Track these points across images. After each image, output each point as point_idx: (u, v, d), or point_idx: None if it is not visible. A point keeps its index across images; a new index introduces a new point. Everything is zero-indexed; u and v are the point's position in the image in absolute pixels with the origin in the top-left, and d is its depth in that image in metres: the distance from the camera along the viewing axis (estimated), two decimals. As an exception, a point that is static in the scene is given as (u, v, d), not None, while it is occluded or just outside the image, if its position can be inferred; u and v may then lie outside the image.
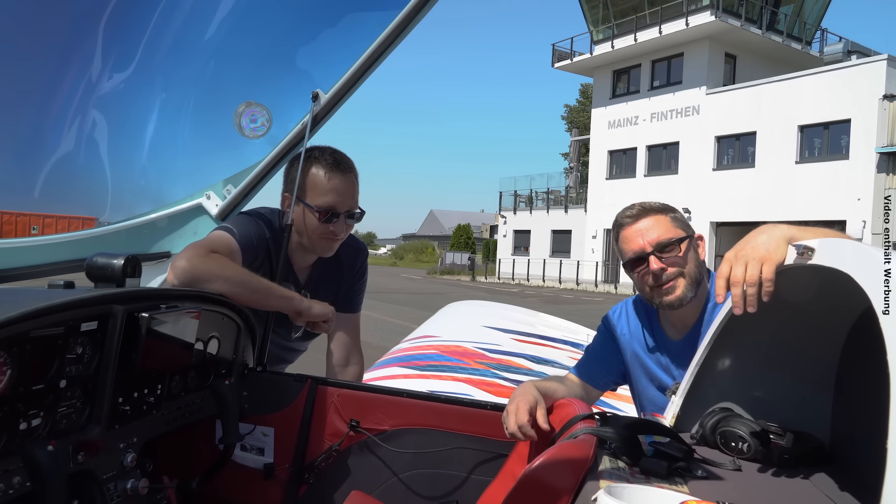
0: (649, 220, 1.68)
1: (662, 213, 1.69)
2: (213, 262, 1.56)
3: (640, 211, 1.70)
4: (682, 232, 1.68)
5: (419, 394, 1.73)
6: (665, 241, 1.64)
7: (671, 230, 1.67)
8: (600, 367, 1.83)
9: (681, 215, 1.75)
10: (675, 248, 1.65)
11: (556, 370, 3.39)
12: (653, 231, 1.66)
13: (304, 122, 1.77)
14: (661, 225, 1.67)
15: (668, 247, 1.64)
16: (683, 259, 1.66)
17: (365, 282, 2.08)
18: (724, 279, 1.17)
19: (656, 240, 1.65)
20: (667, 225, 1.68)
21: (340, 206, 1.79)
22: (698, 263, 1.69)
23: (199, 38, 1.69)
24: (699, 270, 1.69)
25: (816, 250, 1.07)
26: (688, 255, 1.67)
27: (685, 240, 1.67)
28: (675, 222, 1.69)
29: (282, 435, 1.75)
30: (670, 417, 1.54)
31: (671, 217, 1.70)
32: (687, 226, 1.72)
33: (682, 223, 1.71)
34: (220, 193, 1.83)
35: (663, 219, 1.68)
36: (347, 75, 1.74)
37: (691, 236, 1.70)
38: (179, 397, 1.48)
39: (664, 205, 1.73)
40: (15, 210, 1.76)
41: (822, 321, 1.31)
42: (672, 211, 1.72)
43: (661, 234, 1.65)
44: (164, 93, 1.74)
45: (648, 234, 1.66)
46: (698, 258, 1.70)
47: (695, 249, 1.70)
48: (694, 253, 1.69)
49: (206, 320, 1.53)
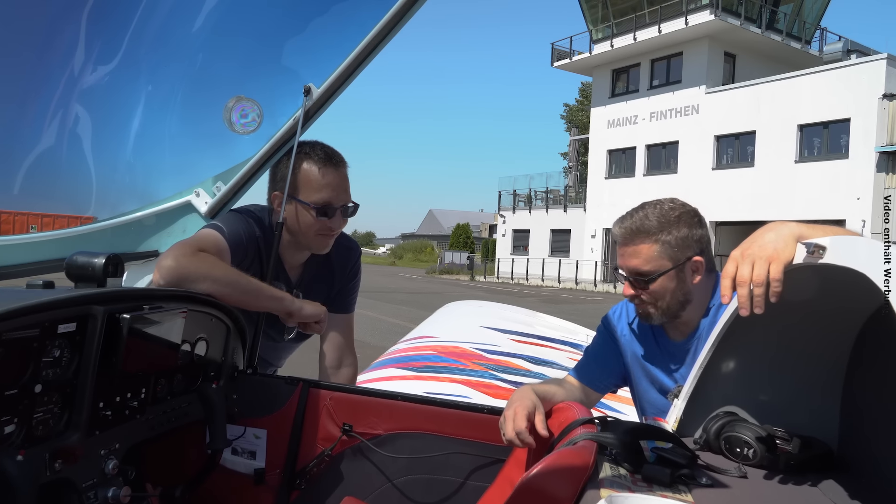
0: (633, 247, 1.60)
1: (651, 239, 1.57)
2: (201, 261, 1.52)
3: (627, 234, 1.60)
4: (667, 263, 1.57)
5: (414, 397, 1.69)
6: (641, 273, 1.58)
7: (652, 261, 1.57)
8: (600, 368, 1.79)
9: (682, 235, 1.59)
10: (648, 283, 1.58)
11: (554, 371, 3.35)
12: (632, 259, 1.60)
13: (295, 117, 1.72)
14: (641, 255, 1.59)
15: (643, 280, 1.59)
16: (658, 292, 1.59)
17: (358, 281, 2.03)
18: (730, 279, 1.13)
19: (632, 269, 1.60)
20: (649, 255, 1.58)
21: (336, 200, 1.76)
22: (683, 292, 1.60)
23: (187, 30, 1.64)
24: (680, 300, 1.61)
25: (828, 248, 1.02)
26: (667, 288, 1.58)
27: (668, 272, 1.57)
28: (663, 251, 1.57)
29: (273, 439, 1.70)
30: (673, 421, 1.50)
31: (662, 242, 1.57)
32: (683, 249, 1.58)
33: (676, 248, 1.58)
34: (209, 190, 1.78)
35: (648, 249, 1.58)
36: (340, 69, 1.69)
37: (682, 264, 1.58)
38: (165, 401, 1.43)
39: (667, 221, 1.58)
40: (10, 209, 1.72)
41: (830, 321, 1.27)
42: (669, 231, 1.58)
43: (640, 265, 1.59)
44: (151, 87, 1.69)
45: (627, 261, 1.61)
46: (686, 286, 1.60)
47: (681, 278, 1.60)
48: (678, 283, 1.59)
49: (194, 321, 1.48)
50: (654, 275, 1.58)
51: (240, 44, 1.73)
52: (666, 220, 1.59)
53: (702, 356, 1.41)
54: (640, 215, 1.60)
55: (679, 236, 1.58)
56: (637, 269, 1.59)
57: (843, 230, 1.16)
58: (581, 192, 31.41)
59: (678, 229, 1.58)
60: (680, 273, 1.59)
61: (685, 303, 1.62)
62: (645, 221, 1.58)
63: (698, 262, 1.61)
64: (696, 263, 1.61)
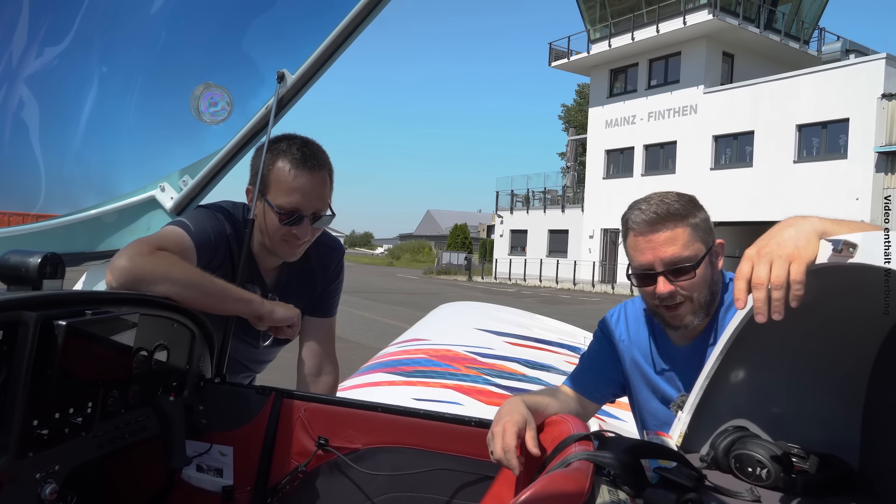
0: (666, 232, 1.41)
1: (683, 222, 1.42)
2: (159, 261, 1.38)
3: (656, 218, 1.41)
4: (702, 246, 1.43)
5: (395, 408, 1.56)
6: (680, 261, 1.41)
7: (689, 246, 1.41)
8: (597, 377, 1.65)
9: (704, 216, 1.46)
10: (691, 270, 1.42)
11: (551, 375, 3.24)
12: (668, 247, 1.41)
13: (268, 106, 1.59)
14: (678, 240, 1.41)
15: (682, 269, 1.41)
16: (698, 283, 1.43)
17: (341, 283, 1.89)
18: (745, 280, 0.99)
19: (670, 259, 1.41)
20: (685, 239, 1.41)
21: (305, 208, 1.59)
22: (714, 280, 1.47)
23: (147, 8, 1.50)
24: (712, 290, 1.47)
25: (860, 246, 0.89)
26: (703, 277, 1.43)
27: (704, 257, 1.43)
28: (696, 233, 1.43)
29: (243, 454, 1.57)
30: (677, 436, 1.37)
31: (692, 226, 1.43)
32: (709, 232, 1.46)
33: (704, 231, 1.45)
34: (175, 185, 1.65)
35: (682, 232, 1.42)
36: (317, 53, 1.56)
37: (711, 248, 1.45)
38: (118, 415, 1.30)
39: (687, 204, 1.44)
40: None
41: (853, 326, 1.15)
42: (694, 214, 1.44)
43: (677, 252, 1.40)
44: (109, 71, 1.55)
45: (662, 251, 1.41)
46: (714, 272, 1.47)
47: (712, 263, 1.46)
48: (710, 269, 1.46)
49: (152, 327, 1.35)
50: (697, 260, 1.42)
51: (208, 25, 1.60)
52: (686, 203, 1.45)
53: (709, 364, 1.29)
54: (660, 200, 1.44)
55: (702, 217, 1.46)
56: (677, 256, 1.40)
57: (868, 225, 1.03)
58: (579, 192, 31.30)
59: (698, 211, 1.46)
60: (711, 258, 1.46)
61: (715, 293, 1.48)
62: (672, 205, 1.42)
63: (720, 244, 1.50)
64: (720, 246, 1.50)
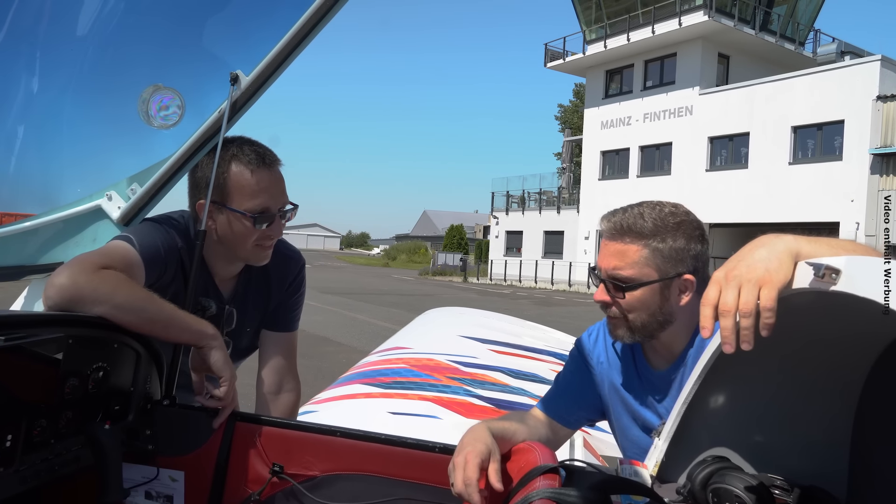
0: (618, 245, 1.37)
1: (640, 242, 1.35)
2: (102, 280, 1.28)
3: (615, 228, 1.38)
4: (652, 272, 1.35)
5: (355, 433, 1.46)
6: (618, 278, 1.36)
7: (635, 266, 1.35)
8: (571, 401, 1.56)
9: (677, 245, 1.36)
10: (622, 291, 1.35)
11: (535, 385, 3.14)
12: (611, 259, 1.37)
13: (221, 109, 1.49)
14: (625, 257, 1.36)
15: (619, 286, 1.36)
16: (633, 305, 1.36)
17: (302, 296, 1.80)
18: (712, 307, 0.90)
19: (609, 271, 1.37)
20: (634, 259, 1.35)
21: (274, 205, 1.56)
22: (664, 312, 1.38)
23: (92, 1, 1.40)
24: (658, 320, 1.38)
25: (843, 273, 0.79)
26: (645, 302, 1.36)
27: (650, 284, 1.35)
28: (652, 257, 1.35)
29: (194, 480, 1.47)
30: (653, 465, 1.29)
31: (652, 249, 1.35)
32: (675, 263, 1.36)
33: (667, 259, 1.35)
34: (123, 193, 1.54)
35: (634, 251, 1.35)
36: (272, 54, 1.46)
37: (669, 279, 1.35)
38: (47, 446, 1.20)
39: (662, 227, 1.35)
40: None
41: (838, 350, 1.07)
42: (663, 239, 1.35)
43: (620, 268, 1.36)
44: (49, 70, 1.45)
45: (606, 260, 1.38)
46: (668, 306, 1.37)
47: (665, 295, 1.37)
48: (661, 300, 1.36)
49: (89, 348, 1.25)
50: (634, 283, 1.35)
51: (157, 20, 1.49)
52: (663, 224, 1.35)
53: (685, 391, 1.21)
54: (635, 212, 1.38)
55: (674, 246, 1.35)
56: (616, 271, 1.35)
57: (850, 244, 0.94)
58: (574, 193, 31.26)
59: (674, 238, 1.35)
60: (664, 289, 1.36)
61: (664, 323, 1.39)
62: (639, 220, 1.36)
63: (688, 280, 1.37)
64: (686, 282, 1.37)
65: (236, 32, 1.51)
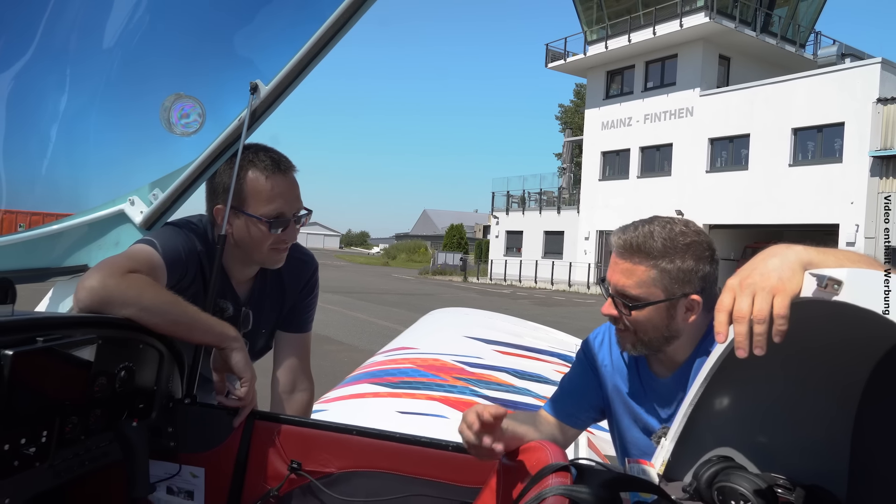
0: (627, 263, 1.40)
1: (648, 262, 1.38)
2: (130, 284, 1.33)
3: (625, 246, 1.40)
4: (659, 293, 1.38)
5: (371, 431, 1.51)
6: (628, 296, 1.40)
7: (643, 286, 1.38)
8: (577, 402, 1.61)
9: (686, 267, 1.38)
10: (629, 309, 1.40)
11: (540, 385, 3.19)
12: (620, 277, 1.41)
13: (241, 118, 1.54)
14: (633, 276, 1.39)
15: (627, 304, 1.40)
16: (640, 322, 1.40)
17: (315, 298, 1.85)
18: (726, 313, 0.95)
19: (620, 289, 1.41)
20: (641, 279, 1.38)
21: (289, 210, 1.61)
22: (670, 329, 1.42)
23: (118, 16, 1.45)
24: (665, 336, 1.43)
25: (845, 284, 0.84)
26: (652, 320, 1.40)
27: (657, 304, 1.38)
28: (660, 278, 1.37)
29: (214, 476, 1.52)
30: (660, 464, 1.33)
31: (660, 270, 1.37)
32: (682, 283, 1.38)
33: (675, 280, 1.37)
34: (145, 199, 1.59)
35: (643, 271, 1.38)
36: (291, 64, 1.51)
37: (675, 298, 1.38)
38: (78, 442, 1.24)
39: (672, 247, 1.37)
40: None
41: (839, 353, 1.12)
42: (671, 259, 1.37)
43: (628, 287, 1.39)
44: (77, 81, 1.49)
45: (615, 277, 1.42)
46: (675, 323, 1.41)
47: (671, 314, 1.40)
48: (667, 318, 1.40)
49: (116, 348, 1.30)
50: (641, 303, 1.39)
51: (179, 33, 1.54)
52: (673, 245, 1.37)
53: (690, 394, 1.25)
54: (646, 231, 1.40)
55: (682, 268, 1.38)
56: (624, 289, 1.40)
57: (857, 256, 0.99)
58: (575, 193, 31.29)
59: (683, 259, 1.38)
60: (671, 308, 1.40)
61: (670, 339, 1.43)
62: (649, 240, 1.38)
63: (694, 301, 1.40)
64: (692, 302, 1.40)
65: (256, 44, 1.55)
